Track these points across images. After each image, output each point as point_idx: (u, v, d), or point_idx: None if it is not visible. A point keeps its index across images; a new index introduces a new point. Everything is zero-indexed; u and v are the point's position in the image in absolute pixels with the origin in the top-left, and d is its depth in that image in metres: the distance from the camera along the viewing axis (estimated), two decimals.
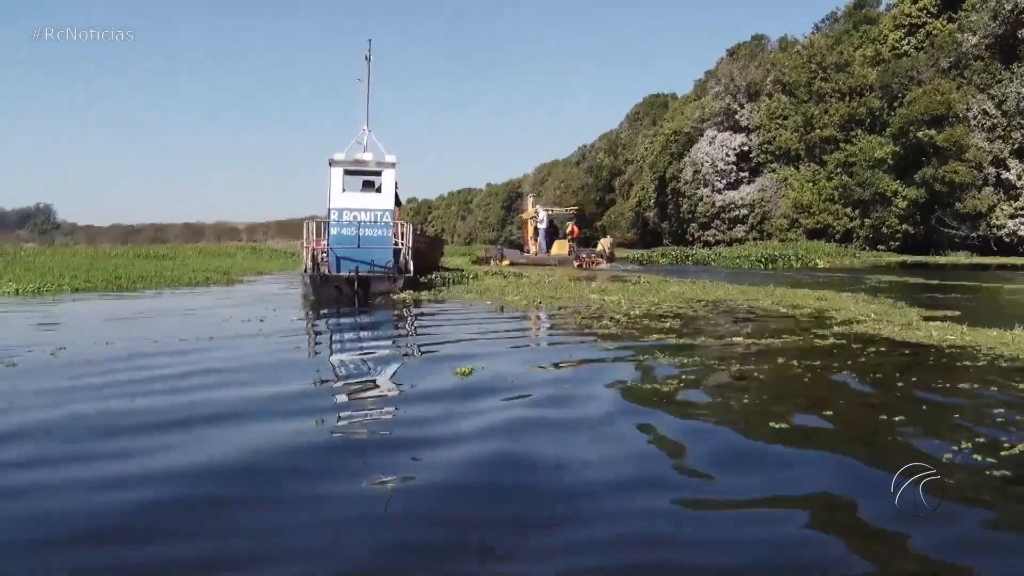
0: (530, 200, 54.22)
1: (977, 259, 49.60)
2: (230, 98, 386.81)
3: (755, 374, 7.83)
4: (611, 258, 43.61)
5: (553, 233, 45.72)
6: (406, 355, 9.63)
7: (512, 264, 38.81)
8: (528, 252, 44.92)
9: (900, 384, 7.26)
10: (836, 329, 11.11)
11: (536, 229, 45.54)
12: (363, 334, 12.69)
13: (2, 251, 39.00)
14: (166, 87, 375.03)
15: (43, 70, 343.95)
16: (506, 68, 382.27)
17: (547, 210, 48.28)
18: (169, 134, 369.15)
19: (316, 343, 11.51)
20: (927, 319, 12.47)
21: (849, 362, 8.41)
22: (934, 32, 63.18)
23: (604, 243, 46.30)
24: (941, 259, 49.75)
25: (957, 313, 13.58)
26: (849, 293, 17.97)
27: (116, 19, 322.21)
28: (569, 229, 46.67)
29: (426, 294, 18.63)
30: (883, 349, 9.47)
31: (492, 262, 40.98)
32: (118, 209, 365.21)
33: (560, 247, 43.65)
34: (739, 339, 10.26)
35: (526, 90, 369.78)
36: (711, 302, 16.18)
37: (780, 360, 8.52)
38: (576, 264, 39.00)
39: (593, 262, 39.97)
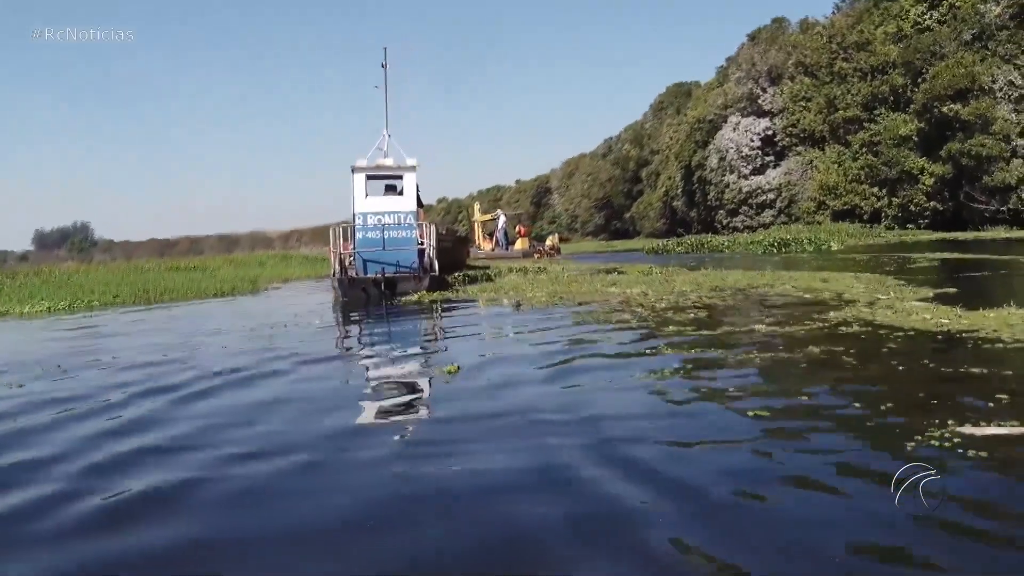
0: (476, 206, 69.37)
1: (1016, 233, 47.78)
2: (264, 108, 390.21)
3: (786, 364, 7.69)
4: (559, 251, 52.28)
5: (506, 232, 55.02)
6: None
7: (472, 258, 43.89)
8: (480, 249, 52.45)
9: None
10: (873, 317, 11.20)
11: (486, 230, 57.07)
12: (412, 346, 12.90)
13: (39, 271, 39.89)
14: (200, 101, 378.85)
15: (76, 89, 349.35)
16: (528, 64, 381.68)
17: (504, 213, 59.57)
18: (202, 148, 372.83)
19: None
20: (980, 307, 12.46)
21: (880, 349, 8.12)
22: (956, 4, 62.16)
23: (552, 239, 55.47)
24: (970, 235, 48.38)
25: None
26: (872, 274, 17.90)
27: (140, 20, 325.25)
28: (517, 229, 56.28)
29: (450, 293, 18.94)
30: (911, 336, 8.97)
31: None
32: (154, 223, 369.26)
33: (522, 243, 52.94)
34: (775, 328, 9.99)
35: (550, 84, 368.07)
36: (736, 290, 15.93)
37: (813, 349, 8.24)
38: (536, 256, 47.35)
39: (548, 254, 48.71)
